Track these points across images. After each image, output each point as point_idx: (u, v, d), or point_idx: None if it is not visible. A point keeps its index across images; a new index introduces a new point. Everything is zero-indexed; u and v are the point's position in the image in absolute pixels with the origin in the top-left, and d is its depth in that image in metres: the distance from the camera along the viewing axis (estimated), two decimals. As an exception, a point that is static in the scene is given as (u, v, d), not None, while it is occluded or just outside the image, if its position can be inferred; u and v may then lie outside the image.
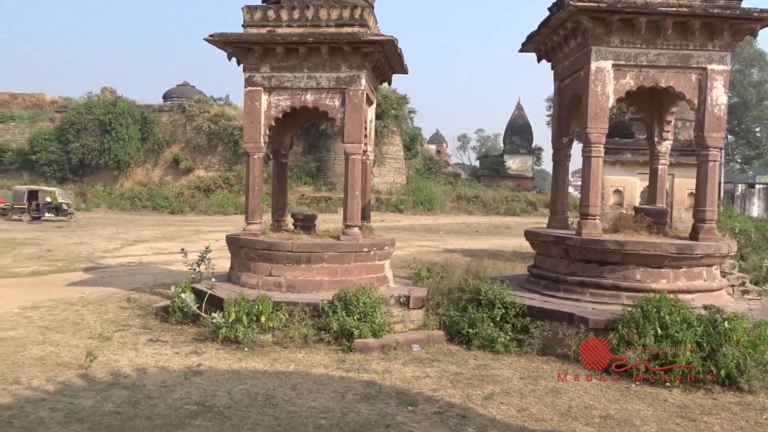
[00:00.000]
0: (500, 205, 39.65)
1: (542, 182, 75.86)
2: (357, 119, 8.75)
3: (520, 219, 36.07)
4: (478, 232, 27.20)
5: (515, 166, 52.97)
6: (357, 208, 8.93)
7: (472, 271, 11.26)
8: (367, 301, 7.88)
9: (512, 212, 38.58)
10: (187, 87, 45.12)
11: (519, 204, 40.04)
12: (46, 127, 41.49)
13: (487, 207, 39.28)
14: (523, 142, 53.57)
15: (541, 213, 39.67)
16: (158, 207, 35.89)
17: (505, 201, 40.27)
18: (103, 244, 18.98)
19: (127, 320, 8.86)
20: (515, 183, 49.50)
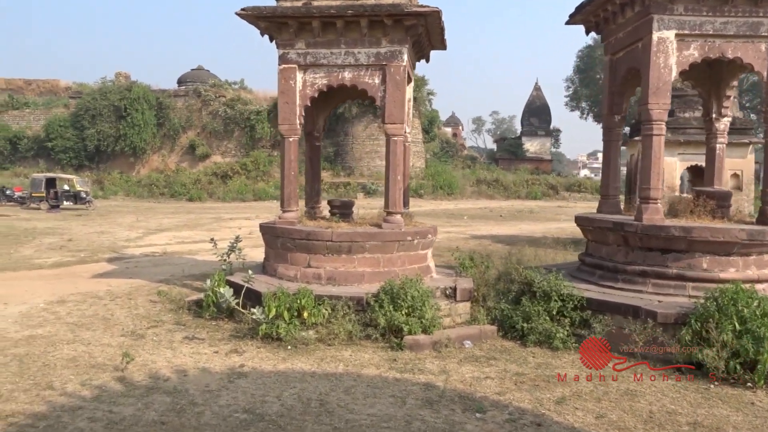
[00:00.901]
0: (521, 189, 39.01)
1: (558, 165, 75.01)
2: (399, 98, 8.19)
3: (543, 203, 35.46)
4: (502, 216, 26.66)
5: (533, 148, 52.19)
6: (399, 194, 8.41)
7: (513, 260, 10.74)
8: (416, 294, 7.38)
9: (533, 196, 37.94)
10: (201, 71, 44.61)
11: (540, 187, 39.35)
12: (61, 113, 41.26)
13: (508, 191, 38.65)
14: (541, 124, 52.71)
15: (563, 196, 39.10)
16: (176, 194, 35.62)
17: (526, 184, 39.62)
18: (125, 233, 18.64)
19: (159, 315, 8.43)
20: (534, 166, 48.76)
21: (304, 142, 9.66)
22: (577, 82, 52.18)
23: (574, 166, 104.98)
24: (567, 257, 11.92)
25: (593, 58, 49.27)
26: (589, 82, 50.62)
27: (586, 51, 50.32)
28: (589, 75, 50.54)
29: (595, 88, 50.44)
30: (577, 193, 39.77)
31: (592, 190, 40.54)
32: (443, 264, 10.49)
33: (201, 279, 10.95)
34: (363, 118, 37.90)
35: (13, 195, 28.44)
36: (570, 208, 32.11)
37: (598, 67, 49.79)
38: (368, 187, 35.70)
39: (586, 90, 50.69)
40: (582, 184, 41.46)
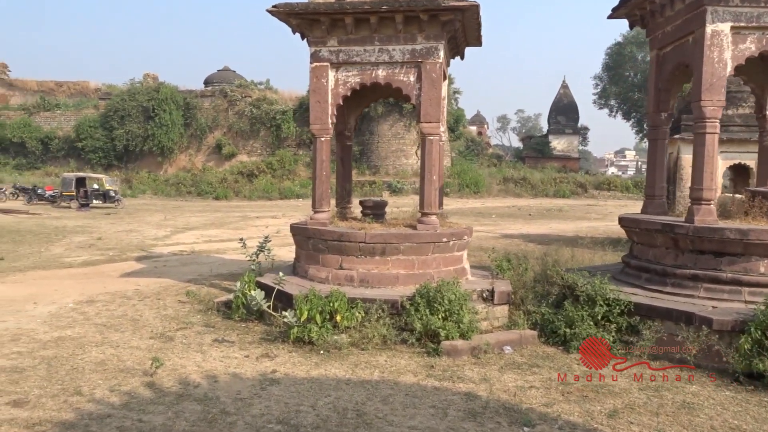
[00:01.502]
0: (548, 187, 38.37)
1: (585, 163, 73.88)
2: (435, 96, 7.86)
3: (571, 201, 34.78)
4: (531, 215, 26.17)
5: (560, 146, 51.34)
6: (435, 194, 8.09)
7: (550, 261, 10.34)
8: (453, 297, 7.05)
9: (561, 194, 37.29)
10: (227, 72, 44.75)
11: (568, 186, 38.66)
12: (91, 114, 41.69)
13: (535, 189, 38.06)
14: (568, 122, 51.81)
15: (592, 195, 38.39)
16: (203, 193, 35.74)
17: (554, 183, 38.96)
18: (153, 232, 18.61)
19: (188, 317, 8.23)
20: (561, 164, 48.01)
21: (335, 142, 9.39)
22: (605, 79, 51.19)
23: (600, 163, 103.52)
24: (605, 258, 11.46)
25: (622, 56, 48.35)
26: (618, 80, 49.65)
27: (615, 48, 49.35)
28: (618, 72, 49.57)
29: (624, 86, 49.51)
30: (606, 191, 39.00)
31: (621, 188, 39.81)
32: (476, 264, 10.17)
33: (229, 279, 10.82)
34: (388, 117, 37.61)
35: (44, 194, 28.72)
36: (600, 207, 31.49)
37: (628, 64, 48.91)
38: (394, 185, 35.43)
39: (615, 87, 49.71)
40: (611, 182, 40.64)
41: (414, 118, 37.70)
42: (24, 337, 7.16)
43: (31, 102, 45.05)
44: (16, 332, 7.33)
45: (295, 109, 40.07)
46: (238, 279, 9.94)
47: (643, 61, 48.03)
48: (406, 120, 37.59)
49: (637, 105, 49.81)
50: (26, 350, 6.64)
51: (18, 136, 41.01)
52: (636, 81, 49.35)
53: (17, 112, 43.62)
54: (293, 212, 26.45)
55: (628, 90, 49.37)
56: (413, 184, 35.86)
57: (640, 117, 52.20)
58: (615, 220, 25.47)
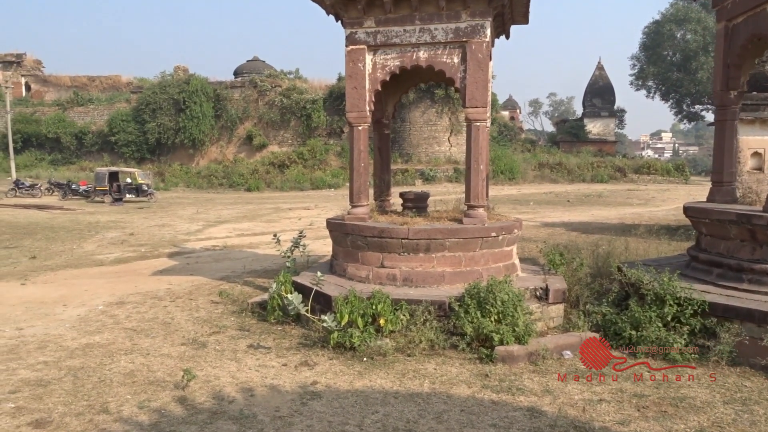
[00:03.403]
0: (585, 172, 37.28)
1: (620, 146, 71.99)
2: (481, 78, 7.21)
3: (610, 186, 33.72)
4: (570, 201, 25.34)
5: (596, 129, 49.89)
6: (482, 186, 7.46)
7: (603, 254, 9.66)
8: (506, 298, 6.45)
9: (599, 179, 36.21)
10: (257, 62, 44.44)
11: (606, 170, 37.51)
12: (123, 108, 41.81)
13: (572, 174, 37.02)
14: (604, 104, 50.26)
15: (631, 179, 37.25)
16: (234, 184, 35.61)
17: (591, 167, 37.84)
18: (185, 226, 18.36)
19: (220, 319, 7.79)
20: (597, 148, 46.66)
21: (372, 131, 8.82)
22: (643, 59, 49.50)
23: (636, 146, 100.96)
24: (661, 249, 10.72)
25: (660, 34, 46.65)
26: (656, 60, 47.96)
27: (653, 27, 47.66)
28: (656, 52, 47.88)
29: (662, 66, 47.84)
30: (646, 175, 37.76)
31: (661, 171, 38.53)
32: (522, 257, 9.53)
33: (263, 275, 10.41)
34: (420, 104, 36.86)
35: (78, 189, 28.81)
36: (641, 192, 30.43)
37: (666, 43, 47.18)
38: (426, 173, 34.78)
39: (653, 68, 48.02)
40: (651, 165, 39.26)
41: (446, 104, 37.15)
42: (51, 344, 6.78)
43: (65, 97, 45.41)
44: (44, 339, 6.97)
45: (325, 98, 39.58)
46: (273, 276, 9.60)
47: (683, 40, 46.32)
48: (438, 106, 36.80)
49: (676, 85, 48.16)
50: (52, 360, 6.26)
51: (53, 132, 41.39)
52: (675, 60, 47.69)
53: (52, 108, 44.03)
54: (325, 203, 26.06)
55: (667, 70, 47.69)
56: (446, 172, 35.17)
57: (679, 97, 50.50)
58: (658, 205, 24.60)
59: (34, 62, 50.50)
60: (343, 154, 37.90)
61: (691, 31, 44.37)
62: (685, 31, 45.44)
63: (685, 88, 47.10)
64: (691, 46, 44.58)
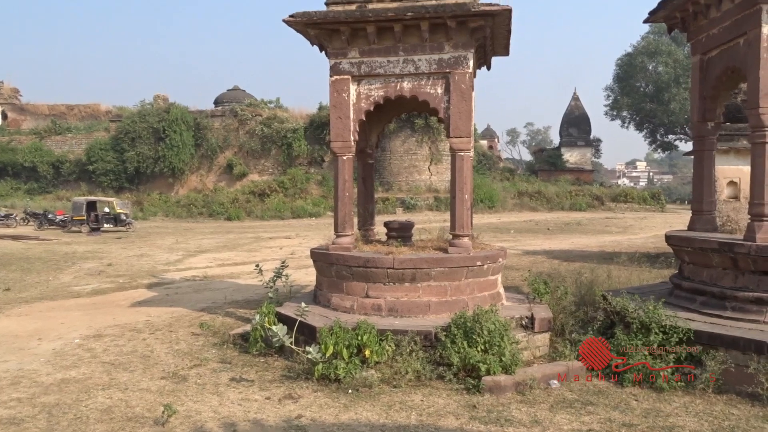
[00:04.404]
0: (564, 200, 37.68)
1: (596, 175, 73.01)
2: (465, 109, 7.26)
3: (588, 215, 34.05)
4: (549, 229, 25.49)
5: (573, 159, 50.81)
6: (467, 214, 7.46)
7: (586, 281, 9.67)
8: (492, 327, 6.40)
9: (578, 207, 36.62)
10: (237, 91, 44.53)
11: (584, 198, 37.98)
12: (102, 137, 41.46)
13: (551, 203, 37.37)
14: (580, 134, 51.35)
15: (608, 207, 37.72)
16: (214, 213, 35.33)
17: (569, 195, 38.29)
18: (164, 256, 18.07)
19: (201, 352, 7.60)
20: (574, 176, 47.41)
21: (356, 160, 8.81)
22: (617, 91, 50.58)
23: (612, 175, 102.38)
24: (643, 277, 10.78)
25: (633, 66, 47.77)
26: (629, 91, 49.02)
27: (626, 59, 48.81)
28: (629, 83, 48.97)
29: (636, 97, 48.90)
30: (623, 203, 38.29)
31: (638, 200, 39.10)
32: (506, 286, 9.51)
33: (245, 306, 10.24)
34: (400, 133, 37.09)
35: (55, 219, 28.28)
36: (618, 220, 30.75)
37: (639, 75, 48.30)
38: (407, 202, 34.84)
39: (627, 99, 49.07)
40: (628, 194, 39.85)
41: (426, 133, 37.44)
42: (25, 380, 6.55)
43: (42, 126, 44.92)
44: (17, 375, 6.73)
45: (306, 127, 39.67)
46: (254, 307, 9.44)
47: (655, 72, 47.46)
48: (418, 135, 37.07)
49: (649, 116, 49.22)
50: (26, 396, 6.03)
51: (29, 161, 40.79)
52: (648, 91, 48.78)
53: (29, 137, 43.48)
54: (307, 232, 25.91)
55: (640, 101, 48.74)
56: (427, 200, 35.29)
57: (653, 127, 51.56)
58: (637, 233, 24.82)
59: (11, 90, 50.05)
60: (324, 182, 37.89)
61: (662, 63, 45.51)
62: (657, 63, 46.59)
63: (658, 119, 48.15)
64: (663, 78, 45.69)
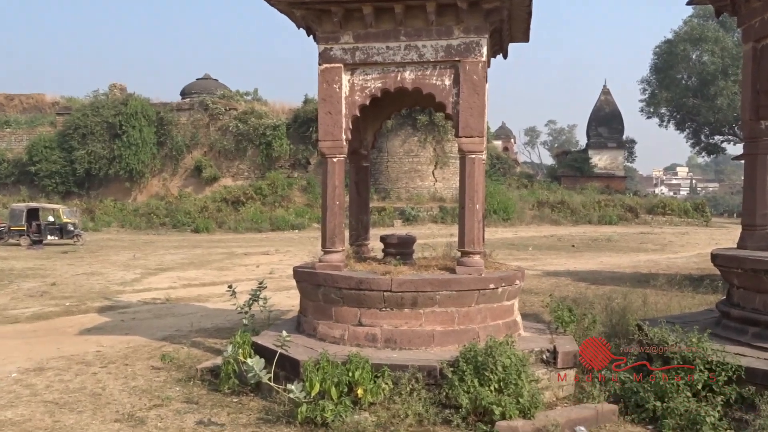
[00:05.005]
0: (591, 212, 38.09)
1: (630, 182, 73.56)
2: (477, 104, 7.32)
3: (620, 229, 34.29)
4: (574, 246, 25.67)
5: (603, 163, 51.23)
6: (478, 228, 7.49)
7: (618, 308, 9.73)
8: (508, 362, 6.40)
9: (608, 220, 37.02)
10: (208, 81, 44.83)
11: (615, 210, 38.41)
12: (47, 132, 41.60)
13: (576, 215, 37.79)
14: (611, 134, 51.74)
15: (644, 220, 37.97)
16: (179, 224, 35.50)
17: (598, 206, 38.76)
18: (120, 274, 18.16)
19: (163, 389, 7.60)
20: (604, 184, 47.81)
21: (348, 163, 8.87)
22: (654, 83, 50.99)
23: (648, 183, 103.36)
24: (684, 303, 10.84)
25: (673, 55, 48.21)
26: (669, 84, 49.45)
27: (665, 47, 49.27)
28: (668, 75, 49.42)
29: (676, 91, 49.27)
30: (661, 216, 38.61)
31: (678, 212, 39.40)
32: (523, 312, 9.55)
33: (215, 335, 10.28)
34: (400, 132, 37.34)
35: (-11, 229, 28.29)
36: (656, 235, 30.95)
37: (681, 65, 48.70)
38: (407, 212, 34.99)
39: (666, 93, 49.45)
40: (667, 204, 40.18)
41: (430, 131, 37.68)
42: (-48, 422, 6.52)
43: (-25, 119, 45.03)
44: (-57, 415, 6.70)
45: (288, 124, 39.87)
46: (226, 336, 9.49)
47: (699, 61, 47.86)
48: (421, 135, 37.32)
49: (692, 113, 49.60)
50: (-47, 442, 6.01)
51: (-40, 160, 40.91)
52: (691, 84, 49.18)
53: (-41, 132, 43.60)
54: (289, 247, 25.96)
55: (681, 95, 49.11)
56: (431, 211, 35.43)
57: (696, 127, 51.95)
58: (677, 251, 25.05)
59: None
60: (309, 189, 37.99)
61: (707, 51, 45.95)
62: (702, 52, 47.04)
63: (702, 116, 48.52)
64: (708, 69, 46.08)
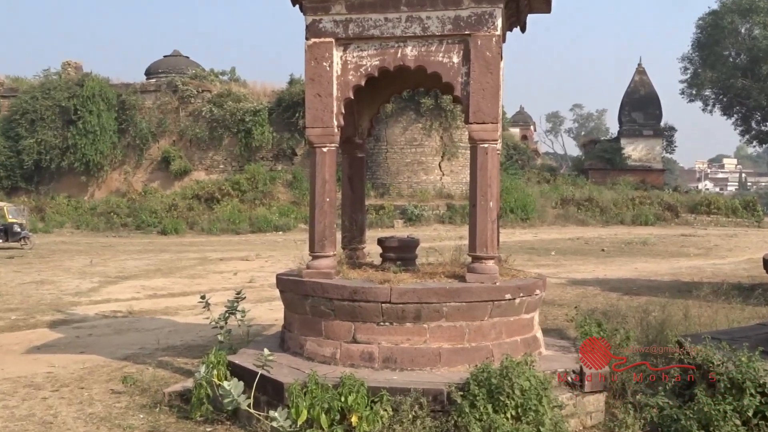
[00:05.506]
0: (624, 211, 38.27)
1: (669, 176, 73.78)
2: (490, 84, 7.34)
3: (657, 230, 34.43)
4: (604, 251, 25.81)
5: (637, 154, 51.38)
6: (491, 229, 7.51)
7: (655, 323, 9.77)
8: (527, 385, 6.43)
9: (643, 220, 37.14)
10: (178, 58, 45.00)
11: (651, 208, 38.53)
12: (-11, 118, 41.55)
13: (606, 214, 37.96)
14: (647, 120, 51.91)
15: (685, 220, 38.12)
16: (143, 225, 35.65)
17: (631, 204, 38.95)
18: (74, 283, 18.26)
19: (125, 416, 7.64)
20: (638, 178, 47.98)
21: (340, 154, 8.91)
22: (697, 61, 51.07)
23: (690, 177, 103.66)
24: (732, 316, 10.88)
25: (719, 29, 48.30)
26: (714, 62, 49.50)
27: (710, 19, 49.33)
28: (714, 52, 49.47)
29: (723, 70, 49.34)
30: (705, 215, 38.67)
31: (726, 210, 39.53)
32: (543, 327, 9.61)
33: (185, 354, 10.35)
34: (401, 118, 37.43)
35: None
36: (699, 238, 31.06)
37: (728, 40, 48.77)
38: (410, 211, 35.05)
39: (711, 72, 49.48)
40: (712, 202, 40.16)
41: (436, 117, 37.78)
42: None
43: None
44: None
45: (271, 108, 39.95)
46: (198, 354, 9.55)
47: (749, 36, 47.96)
48: (425, 121, 37.43)
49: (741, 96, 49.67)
50: None
51: None
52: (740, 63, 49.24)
53: None
54: (271, 251, 26.03)
55: (729, 75, 49.16)
56: (436, 210, 35.53)
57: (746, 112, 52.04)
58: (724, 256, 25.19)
59: None
60: (296, 184, 38.09)
61: (759, 24, 46.03)
62: (752, 25, 47.10)
63: (753, 100, 48.59)
64: (760, 45, 46.14)
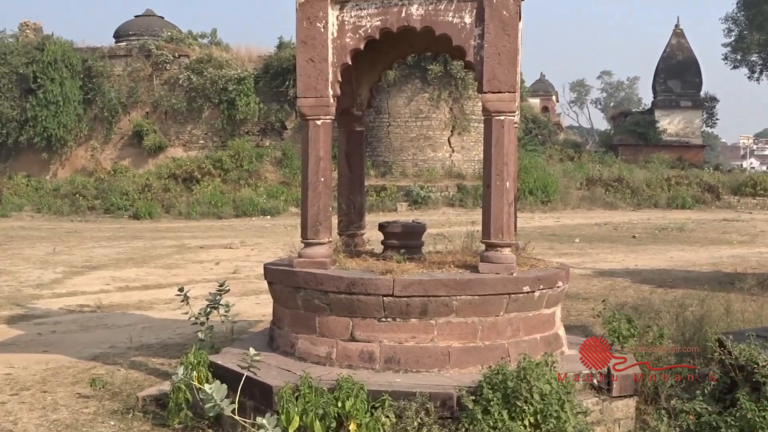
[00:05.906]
0: (658, 193, 38.21)
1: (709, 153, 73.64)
2: (506, 48, 7.33)
3: (696, 214, 34.39)
4: (635, 238, 25.81)
5: (674, 127, 51.23)
6: (508, 212, 7.51)
7: (693, 319, 9.79)
8: (547, 389, 6.47)
9: (679, 203, 37.06)
10: (151, 18, 44.88)
11: (689, 189, 38.42)
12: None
13: (638, 196, 37.88)
14: (685, 89, 51.73)
15: (727, 203, 38.15)
16: (113, 209, 35.68)
17: (666, 185, 38.83)
18: (35, 274, 18.35)
19: (93, 423, 7.72)
20: (675, 155, 47.95)
21: (336, 127, 8.91)
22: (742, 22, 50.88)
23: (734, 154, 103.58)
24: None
25: (770, -16, 48.09)
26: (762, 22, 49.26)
27: (758, -27, 49.08)
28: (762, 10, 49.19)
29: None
30: (750, 197, 38.51)
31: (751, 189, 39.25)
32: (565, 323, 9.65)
33: (161, 353, 10.44)
34: (405, 86, 37.36)
35: None
36: (743, 223, 31.05)
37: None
38: (415, 192, 35.04)
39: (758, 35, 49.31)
40: (758, 182, 39.92)
41: (445, 86, 37.72)
42: None
43: None
44: None
45: (257, 76, 39.88)
46: (176, 354, 9.68)
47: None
48: (432, 90, 37.35)
49: (793, 61, 49.53)
50: None
51: None
52: (793, 23, 49.03)
53: None
54: (259, 238, 26.10)
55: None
56: (445, 191, 35.53)
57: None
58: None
59: None
60: (286, 162, 38.12)
61: (815, -21, 45.83)
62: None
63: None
64: (816, 4, 45.99)
